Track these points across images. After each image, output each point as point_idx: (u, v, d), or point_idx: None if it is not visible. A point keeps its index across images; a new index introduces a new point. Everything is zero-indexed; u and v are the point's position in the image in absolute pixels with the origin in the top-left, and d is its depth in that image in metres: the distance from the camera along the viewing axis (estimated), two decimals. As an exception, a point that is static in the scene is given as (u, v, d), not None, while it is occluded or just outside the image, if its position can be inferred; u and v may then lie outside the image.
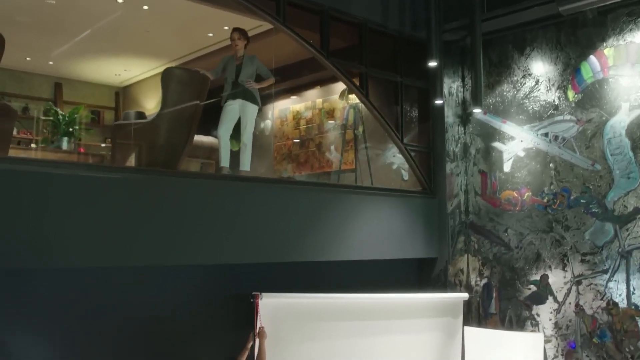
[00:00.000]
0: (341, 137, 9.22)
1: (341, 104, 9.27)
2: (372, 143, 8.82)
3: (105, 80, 10.73)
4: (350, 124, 9.04)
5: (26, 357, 5.02)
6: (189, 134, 6.00)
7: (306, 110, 9.76)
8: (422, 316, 6.89)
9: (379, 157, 8.79)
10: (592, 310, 6.89)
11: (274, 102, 9.57)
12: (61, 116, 6.99)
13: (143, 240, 5.40)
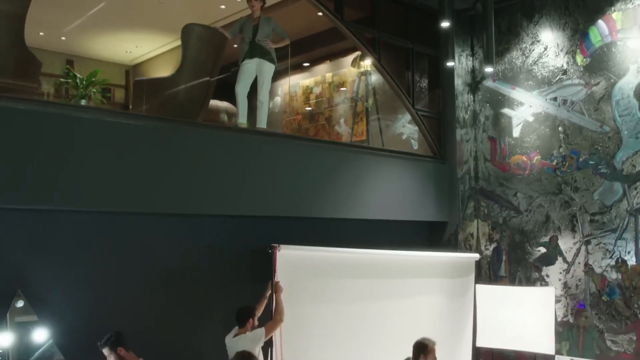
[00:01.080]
0: (351, 110, 9.35)
1: (351, 77, 9.41)
2: (382, 114, 8.96)
3: (116, 57, 10.85)
4: (361, 96, 9.17)
5: (53, 297, 5.12)
6: (208, 90, 6.12)
7: (316, 85, 9.89)
8: (435, 273, 7.01)
9: (388, 128, 8.93)
10: (601, 269, 7.01)
11: (284, 77, 9.72)
12: (79, 79, 7.12)
13: (164, 187, 5.53)
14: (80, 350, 5.11)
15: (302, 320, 6.03)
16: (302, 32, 8.92)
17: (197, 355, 5.81)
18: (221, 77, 6.80)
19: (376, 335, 6.47)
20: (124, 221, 5.61)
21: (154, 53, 10.61)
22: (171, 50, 10.15)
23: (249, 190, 6.07)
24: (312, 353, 6.08)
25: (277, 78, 8.42)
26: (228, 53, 7.17)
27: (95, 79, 7.17)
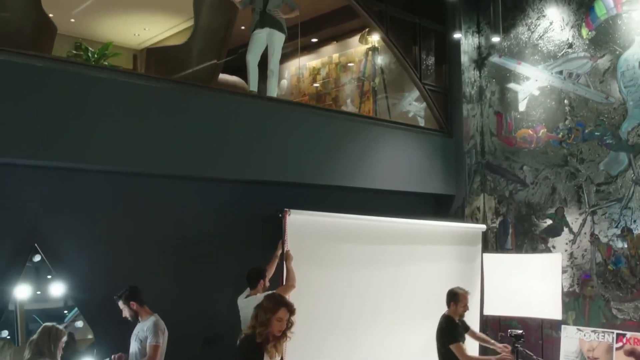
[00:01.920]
0: (358, 90, 9.44)
1: (357, 57, 9.50)
2: (389, 93, 9.05)
3: (124, 41, 10.90)
4: (367, 76, 9.26)
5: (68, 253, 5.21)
6: (220, 57, 6.22)
7: (323, 67, 9.99)
8: (443, 241, 7.09)
9: (395, 106, 9.02)
10: (607, 239, 7.09)
11: (291, 59, 9.83)
12: (91, 52, 7.21)
13: (177, 148, 5.63)
14: (94, 304, 5.21)
15: (311, 285, 6.09)
16: (309, 12, 9.01)
17: (209, 314, 5.89)
18: (230, 56, 6.93)
19: (384, 300, 6.56)
20: (138, 183, 5.71)
21: (162, 36, 10.68)
22: (179, 33, 10.23)
23: (260, 155, 6.16)
24: (321, 317, 6.15)
25: (283, 60, 8.51)
26: (234, 36, 7.29)
27: (107, 52, 7.26)
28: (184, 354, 5.73)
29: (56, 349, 4.17)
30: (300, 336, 5.84)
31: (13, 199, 5.01)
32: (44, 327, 4.29)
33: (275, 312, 4.02)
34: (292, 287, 5.75)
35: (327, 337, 6.16)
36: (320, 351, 6.11)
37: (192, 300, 5.89)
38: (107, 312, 5.21)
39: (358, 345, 6.34)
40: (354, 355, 6.29)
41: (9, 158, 4.74)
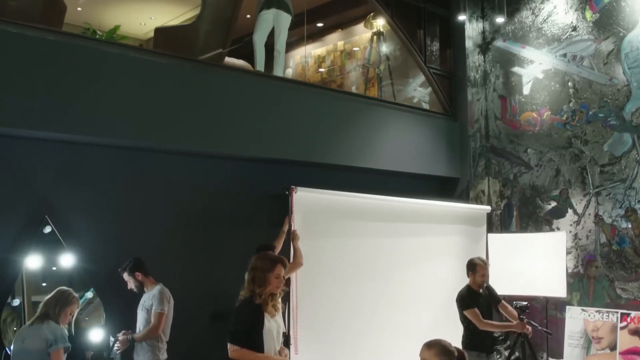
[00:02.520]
0: (363, 77, 9.51)
1: (362, 44, 9.57)
2: (393, 79, 9.11)
3: (130, 31, 10.98)
4: (372, 62, 9.33)
5: (78, 225, 5.28)
6: (227, 37, 6.29)
7: (328, 54, 10.05)
8: (448, 222, 7.13)
9: (400, 92, 9.08)
10: (611, 219, 7.12)
11: (296, 48, 9.91)
12: (99, 35, 7.28)
13: (186, 124, 5.71)
14: (103, 276, 5.28)
15: (317, 262, 6.15)
16: (314, 0, 9.08)
17: (217, 289, 5.94)
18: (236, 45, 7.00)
19: (390, 277, 6.61)
20: (147, 159, 5.80)
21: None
22: (186, 22, 10.29)
23: (267, 133, 6.23)
24: (327, 294, 6.21)
25: (288, 50, 8.57)
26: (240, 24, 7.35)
27: (116, 35, 7.33)
28: (191, 328, 5.79)
29: (61, 313, 4.23)
30: (307, 313, 5.95)
31: (24, 172, 5.09)
32: (58, 289, 4.37)
33: (272, 269, 4.05)
34: (300, 264, 5.81)
35: (333, 313, 6.21)
36: (327, 327, 6.16)
37: (199, 275, 5.96)
38: (116, 285, 5.29)
39: (364, 322, 6.40)
40: (360, 331, 6.34)
41: (21, 129, 4.81)
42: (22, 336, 4.12)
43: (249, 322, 3.91)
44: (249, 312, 3.93)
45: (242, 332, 3.89)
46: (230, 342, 3.90)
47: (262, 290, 3.97)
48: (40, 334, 4.08)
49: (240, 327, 3.91)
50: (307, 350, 5.95)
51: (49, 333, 4.09)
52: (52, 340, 4.06)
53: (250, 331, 3.89)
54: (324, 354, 6.13)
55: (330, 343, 6.20)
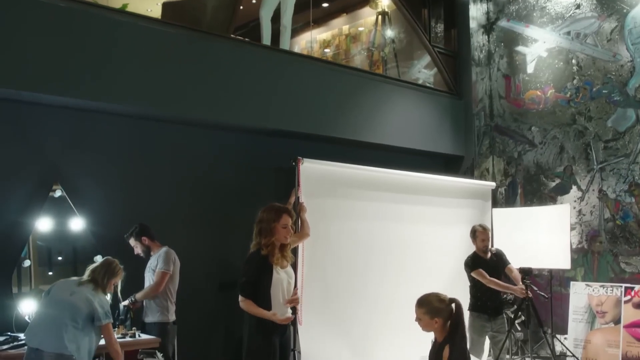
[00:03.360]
0: (368, 60, 9.57)
1: (367, 28, 9.64)
2: (398, 62, 9.17)
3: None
4: (377, 46, 9.39)
5: (87, 191, 5.36)
6: (234, 12, 6.37)
7: (333, 39, 10.12)
8: (453, 197, 7.18)
9: (404, 74, 9.12)
10: (615, 194, 7.17)
11: (300, 34, 9.96)
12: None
13: (195, 93, 5.78)
14: (112, 241, 5.35)
15: (323, 232, 6.20)
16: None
17: (222, 259, 6.01)
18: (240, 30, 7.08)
19: (395, 247, 6.65)
20: (156, 128, 5.88)
21: (175, 12, 10.83)
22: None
23: (275, 105, 6.31)
24: (333, 264, 6.26)
25: (293, 35, 8.66)
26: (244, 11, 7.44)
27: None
28: (198, 297, 5.87)
29: (109, 283, 4.29)
30: (314, 284, 6.01)
31: (36, 137, 5.17)
32: (106, 259, 4.42)
33: (278, 220, 4.09)
34: (307, 235, 5.85)
35: (340, 284, 6.26)
36: (333, 298, 6.21)
37: (205, 245, 6.03)
38: (123, 250, 5.35)
39: (371, 292, 6.44)
40: (366, 302, 6.39)
41: (35, 94, 4.88)
42: (71, 289, 4.13)
43: (255, 274, 3.95)
44: (255, 264, 3.97)
45: (248, 284, 3.93)
46: (239, 293, 3.95)
47: (268, 240, 4.00)
48: (92, 300, 4.10)
49: (246, 278, 3.96)
50: (312, 321, 6.01)
51: (99, 305, 4.11)
52: (102, 312, 4.10)
53: (256, 282, 3.93)
54: (330, 325, 6.17)
55: (337, 314, 6.24)
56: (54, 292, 4.20)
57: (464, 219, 7.14)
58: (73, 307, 4.07)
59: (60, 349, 3.97)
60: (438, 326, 3.58)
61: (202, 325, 5.92)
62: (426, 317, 3.60)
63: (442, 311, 3.59)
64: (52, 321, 4.07)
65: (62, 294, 4.14)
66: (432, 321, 3.58)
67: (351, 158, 6.81)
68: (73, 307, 4.07)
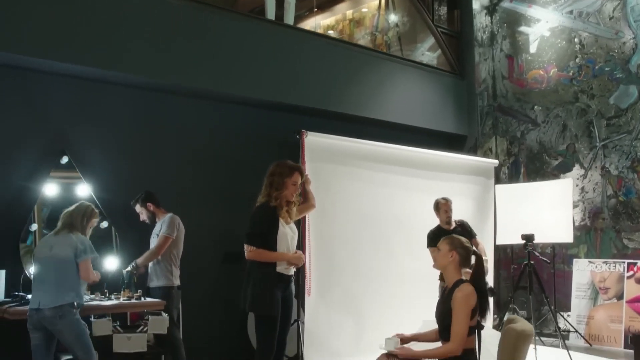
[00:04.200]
0: (372, 44, 9.60)
1: (371, 12, 9.68)
2: (402, 45, 9.22)
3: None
4: (380, 29, 9.43)
5: (94, 159, 5.42)
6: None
7: (337, 24, 10.17)
8: (457, 173, 7.21)
9: (408, 57, 9.17)
10: (617, 171, 7.20)
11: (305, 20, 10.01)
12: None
13: (202, 64, 5.85)
14: (117, 208, 5.42)
15: (328, 208, 6.25)
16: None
17: (226, 231, 6.06)
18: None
19: (400, 222, 6.70)
20: (162, 100, 5.94)
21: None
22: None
23: (280, 79, 6.39)
24: (338, 237, 6.32)
25: (297, 22, 8.71)
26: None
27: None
28: (202, 267, 5.92)
29: (87, 225, 4.34)
30: (319, 255, 6.07)
31: (43, 105, 5.24)
32: (81, 203, 4.47)
33: (290, 175, 4.14)
34: (313, 206, 5.86)
35: (344, 256, 6.32)
36: (338, 269, 6.27)
37: (209, 216, 6.08)
38: (129, 217, 5.42)
39: (375, 264, 6.50)
40: (371, 273, 6.46)
41: (39, 59, 4.95)
42: (50, 244, 4.20)
43: (264, 224, 3.99)
44: (264, 214, 4.02)
45: (257, 234, 3.97)
46: (247, 244, 3.98)
47: (278, 193, 4.06)
48: (70, 243, 4.15)
49: (255, 229, 4.00)
50: (318, 292, 6.06)
51: (79, 243, 4.17)
52: (82, 249, 4.14)
53: (265, 233, 3.97)
54: (335, 296, 6.23)
55: (341, 285, 6.30)
56: (37, 254, 4.28)
57: (468, 196, 7.19)
58: (57, 259, 4.13)
59: (58, 301, 4.03)
60: (453, 261, 3.61)
61: (207, 295, 5.98)
62: (446, 247, 3.65)
63: (462, 250, 3.63)
64: (43, 281, 4.14)
65: (44, 252, 4.21)
66: (449, 253, 3.62)
67: (355, 134, 6.87)
68: (57, 260, 4.12)
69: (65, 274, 4.11)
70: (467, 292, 3.53)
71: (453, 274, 3.66)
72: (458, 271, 3.67)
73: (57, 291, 4.05)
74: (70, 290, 4.07)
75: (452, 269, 3.66)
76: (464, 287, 3.55)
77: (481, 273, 3.67)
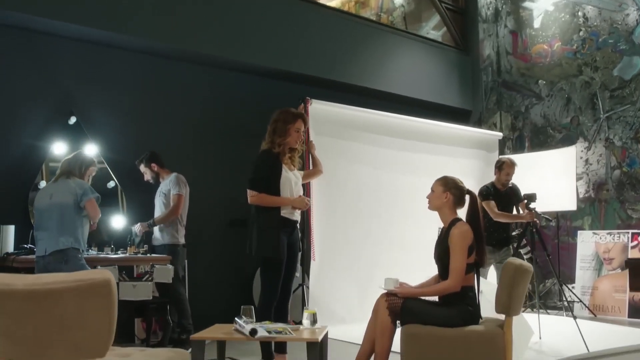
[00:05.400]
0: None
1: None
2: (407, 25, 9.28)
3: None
4: (385, 10, 9.50)
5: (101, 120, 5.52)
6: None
7: (342, 6, 10.24)
8: (461, 145, 7.26)
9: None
10: (621, 142, 7.23)
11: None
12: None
13: (207, 30, 5.94)
14: (122, 167, 5.51)
15: (331, 176, 6.29)
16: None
17: (231, 197, 6.12)
18: None
19: (401, 190, 6.74)
20: (169, 66, 6.04)
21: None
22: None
23: (286, 47, 6.49)
24: (341, 204, 6.37)
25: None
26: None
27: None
28: (207, 231, 5.99)
29: (85, 172, 4.40)
30: (323, 221, 6.12)
31: (52, 67, 5.35)
32: (78, 151, 4.56)
33: (293, 122, 4.17)
34: (320, 172, 5.87)
35: (347, 221, 6.37)
36: (342, 235, 6.32)
37: (213, 181, 6.16)
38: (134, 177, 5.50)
39: (377, 231, 6.54)
40: (373, 240, 6.49)
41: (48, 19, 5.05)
42: (49, 192, 4.28)
43: (268, 169, 4.02)
44: (267, 160, 4.05)
45: (260, 179, 4.01)
46: (250, 189, 4.02)
47: (282, 140, 4.08)
48: (69, 188, 4.22)
49: (259, 174, 4.03)
50: (323, 258, 6.12)
51: (77, 187, 4.23)
52: (81, 193, 4.21)
53: (268, 178, 4.01)
54: (341, 263, 6.27)
55: (346, 251, 6.34)
56: (37, 204, 4.35)
57: (472, 168, 7.23)
58: (57, 206, 4.20)
59: (58, 245, 4.12)
60: (447, 202, 3.66)
61: (212, 258, 6.05)
62: (440, 188, 3.70)
63: (456, 190, 3.68)
64: (45, 228, 4.22)
65: (43, 201, 4.28)
66: (443, 194, 3.67)
67: (358, 106, 6.93)
68: (57, 207, 4.19)
69: (66, 219, 4.18)
70: (463, 229, 3.58)
71: (448, 214, 3.71)
72: (453, 211, 3.72)
73: (60, 236, 4.13)
74: (69, 236, 4.14)
75: (447, 209, 3.71)
76: (460, 225, 3.61)
77: (476, 212, 3.72)
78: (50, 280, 2.26)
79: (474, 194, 3.78)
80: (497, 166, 5.87)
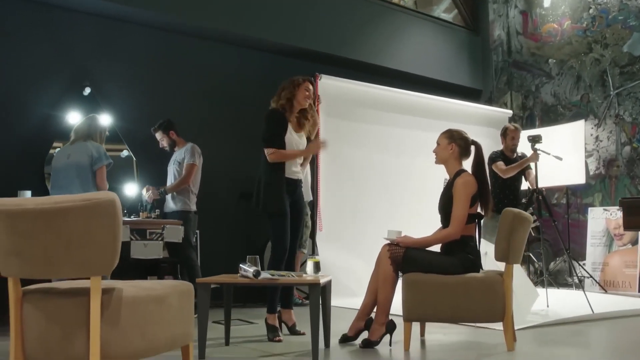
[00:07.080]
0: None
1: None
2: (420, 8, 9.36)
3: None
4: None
5: (114, 92, 5.67)
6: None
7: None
8: (471, 122, 7.30)
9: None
10: (631, 118, 7.23)
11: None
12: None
13: (221, 6, 6.07)
14: (135, 136, 5.65)
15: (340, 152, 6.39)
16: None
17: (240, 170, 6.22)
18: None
19: (411, 167, 6.80)
20: (182, 42, 6.19)
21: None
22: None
23: (296, 22, 6.61)
24: (347, 179, 6.46)
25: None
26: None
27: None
28: (219, 205, 6.11)
29: (102, 134, 4.55)
30: (330, 196, 6.21)
31: (68, 40, 5.52)
32: (92, 115, 4.69)
33: (303, 82, 4.25)
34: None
35: (354, 197, 6.46)
36: (348, 209, 6.41)
37: (225, 155, 6.26)
38: (146, 146, 5.63)
39: (383, 206, 6.62)
40: (381, 214, 6.56)
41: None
42: (67, 153, 4.42)
43: (278, 126, 4.11)
44: (276, 117, 4.13)
45: (274, 135, 4.10)
46: (266, 147, 4.09)
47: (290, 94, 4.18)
48: (86, 150, 4.37)
49: (271, 131, 4.12)
50: (331, 232, 6.21)
51: (94, 150, 4.37)
52: (96, 157, 4.35)
53: (280, 134, 4.11)
54: (347, 236, 6.35)
55: (353, 226, 6.43)
56: (55, 163, 4.50)
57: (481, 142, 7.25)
58: (74, 166, 4.35)
59: None
60: (452, 153, 3.73)
61: (223, 228, 6.17)
62: (445, 141, 3.77)
63: (461, 141, 3.75)
64: (61, 187, 4.36)
65: (61, 161, 4.43)
66: (449, 146, 3.74)
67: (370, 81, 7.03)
68: (74, 166, 4.35)
69: (82, 179, 4.33)
70: (467, 179, 3.65)
71: (454, 165, 3.78)
72: (459, 162, 3.79)
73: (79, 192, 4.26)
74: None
75: (453, 160, 3.78)
76: (464, 175, 3.68)
77: (482, 163, 3.79)
78: (59, 200, 2.37)
79: (479, 144, 3.84)
80: (502, 133, 5.90)
